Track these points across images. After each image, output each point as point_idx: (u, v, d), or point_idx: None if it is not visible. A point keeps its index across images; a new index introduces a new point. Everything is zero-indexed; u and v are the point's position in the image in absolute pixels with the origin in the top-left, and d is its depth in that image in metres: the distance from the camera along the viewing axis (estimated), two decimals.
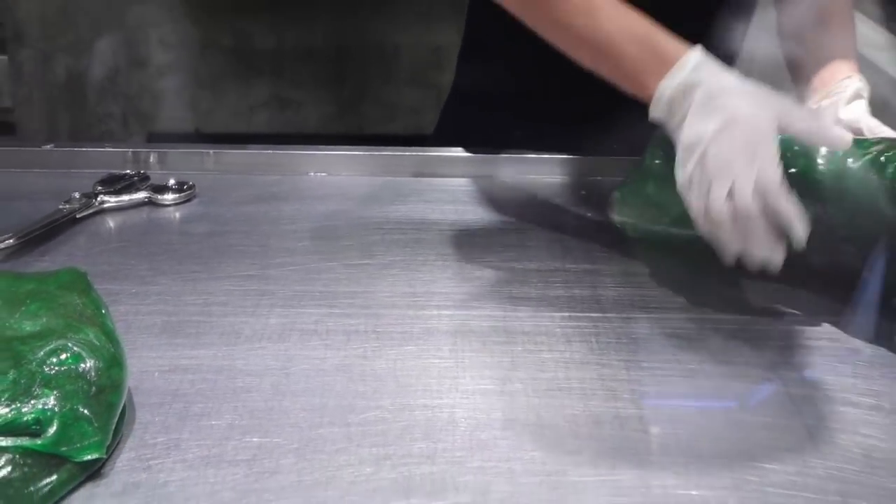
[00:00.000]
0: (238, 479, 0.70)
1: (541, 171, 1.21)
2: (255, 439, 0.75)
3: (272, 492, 0.69)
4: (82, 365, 0.73)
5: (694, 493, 0.70)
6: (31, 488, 0.66)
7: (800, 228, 0.86)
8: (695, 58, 0.97)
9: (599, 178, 1.24)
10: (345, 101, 2.37)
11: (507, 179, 1.21)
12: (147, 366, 0.82)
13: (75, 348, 0.73)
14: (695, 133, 0.91)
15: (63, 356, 0.73)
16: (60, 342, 0.74)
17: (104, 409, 0.72)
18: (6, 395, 0.69)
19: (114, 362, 0.75)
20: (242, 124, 2.29)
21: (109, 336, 0.77)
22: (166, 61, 2.32)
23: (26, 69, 2.36)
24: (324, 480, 0.71)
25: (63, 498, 0.68)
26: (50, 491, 0.67)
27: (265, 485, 0.70)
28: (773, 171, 0.87)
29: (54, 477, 0.68)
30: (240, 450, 0.73)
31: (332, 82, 2.35)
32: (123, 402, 0.75)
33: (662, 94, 0.96)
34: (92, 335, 0.76)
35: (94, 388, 0.72)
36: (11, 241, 0.99)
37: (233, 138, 1.26)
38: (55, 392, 0.70)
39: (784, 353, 0.88)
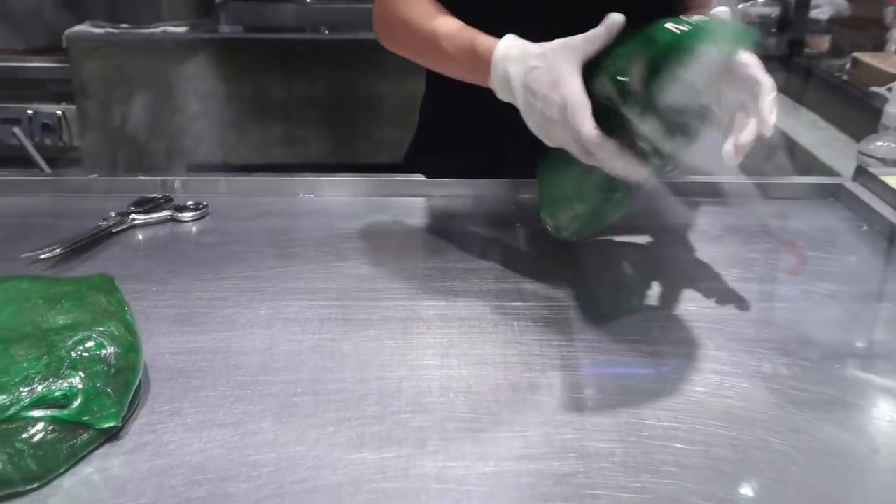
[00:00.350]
0: (226, 438, 0.70)
1: (483, 191, 1.20)
2: (241, 406, 0.74)
3: (253, 447, 0.68)
4: (104, 351, 0.72)
5: (588, 444, 0.70)
6: (59, 448, 0.66)
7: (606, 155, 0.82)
8: (500, 51, 0.93)
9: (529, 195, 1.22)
10: (340, 138, 2.37)
11: (457, 199, 1.20)
12: (160, 349, 0.81)
13: (98, 338, 0.73)
14: (528, 109, 0.90)
15: (88, 344, 0.72)
16: (86, 333, 0.73)
17: (122, 386, 0.71)
18: (40, 376, 0.68)
19: (131, 348, 0.74)
20: (261, 157, 2.28)
21: (128, 328, 0.77)
22: (200, 108, 2.31)
23: (90, 116, 2.35)
24: (295, 438, 0.70)
25: (85, 456, 0.67)
26: (74, 450, 0.67)
27: (248, 442, 0.69)
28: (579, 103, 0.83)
29: (77, 440, 0.67)
30: (229, 415, 0.72)
31: (330, 123, 2.35)
32: (139, 380, 0.74)
33: (497, 90, 0.95)
34: (113, 327, 0.75)
35: (113, 370, 0.71)
36: (58, 250, 0.98)
37: (253, 168, 1.26)
38: (80, 373, 0.69)
39: (665, 332, 0.87)
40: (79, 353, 0.71)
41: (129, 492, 0.64)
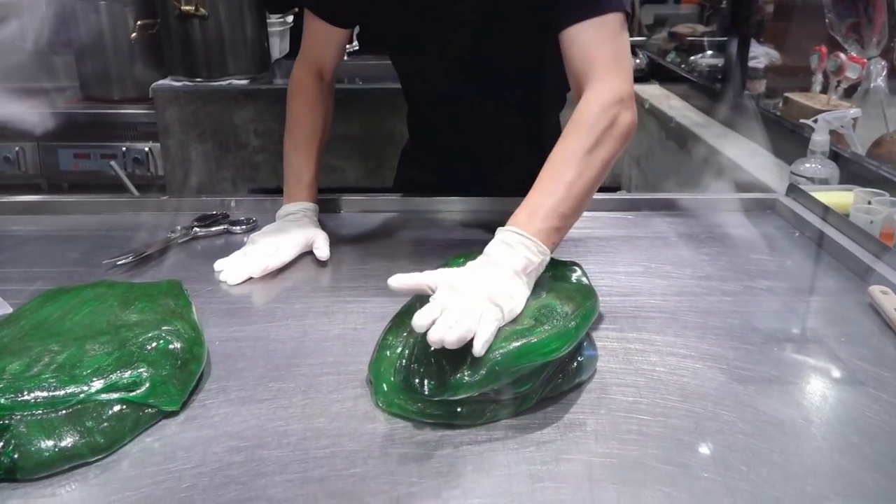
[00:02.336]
0: (262, 411, 0.66)
1: (490, 206, 1.16)
2: (276, 385, 0.70)
3: (284, 420, 0.65)
4: (171, 346, 0.69)
5: (563, 415, 0.66)
6: (125, 424, 0.63)
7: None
8: (282, 211, 1.03)
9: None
10: (371, 167, 2.34)
11: (466, 213, 1.16)
12: (212, 337, 0.77)
13: (167, 336, 0.70)
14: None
15: (157, 342, 0.69)
16: (155, 332, 0.70)
17: (187, 375, 0.68)
18: (111, 368, 0.65)
19: (195, 343, 0.71)
20: None
21: (193, 326, 0.74)
22: (259, 143, 2.29)
23: (172, 152, 2.33)
24: (319, 411, 0.66)
25: (146, 429, 0.64)
26: (137, 425, 0.63)
27: (280, 415, 0.66)
28: None
29: (141, 416, 0.64)
30: (265, 392, 0.69)
31: (363, 155, 2.33)
32: (202, 369, 0.71)
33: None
34: (179, 325, 0.72)
35: (180, 362, 0.68)
36: (132, 257, 0.95)
37: None
38: (149, 365, 0.66)
39: (630, 321, 0.83)
40: (149, 348, 0.68)
41: (178, 458, 0.60)
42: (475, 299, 0.65)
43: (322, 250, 0.97)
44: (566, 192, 0.78)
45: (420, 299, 0.74)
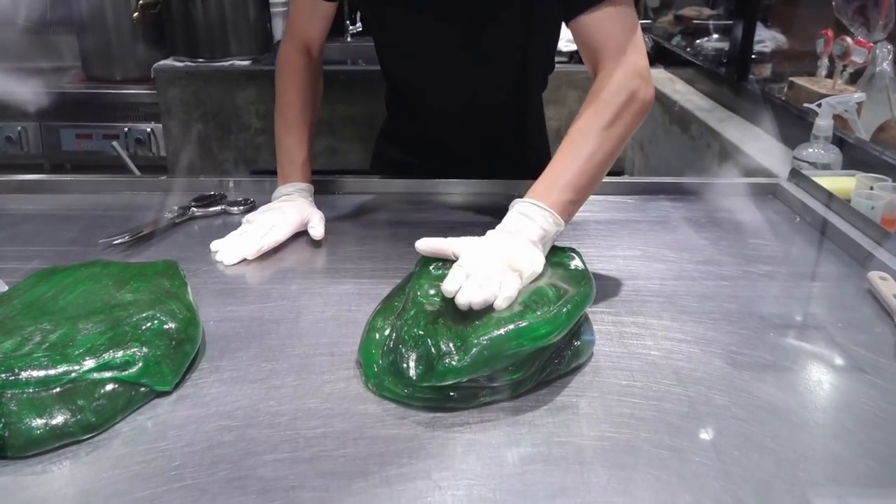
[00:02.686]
0: (254, 391, 0.66)
1: (485, 189, 1.15)
2: (268, 365, 0.70)
3: (276, 400, 0.65)
4: (165, 326, 0.69)
5: (556, 398, 0.65)
6: (117, 402, 0.62)
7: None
8: (277, 192, 1.02)
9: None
10: (372, 149, 2.33)
11: (459, 196, 1.15)
12: (206, 317, 0.77)
13: (161, 316, 0.69)
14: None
15: (152, 323, 0.69)
16: (150, 312, 0.70)
17: (181, 355, 0.68)
18: (103, 347, 0.65)
19: (190, 323, 0.71)
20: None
21: (188, 307, 0.73)
22: (261, 125, 2.28)
23: (173, 132, 2.32)
24: (311, 392, 0.66)
25: (138, 407, 0.64)
26: (129, 404, 0.63)
27: (272, 395, 0.66)
28: None
29: (133, 396, 0.64)
30: (258, 372, 0.69)
31: (365, 138, 2.31)
32: (196, 350, 0.70)
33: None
34: (174, 306, 0.72)
35: (174, 342, 0.68)
36: (128, 237, 0.95)
37: None
38: (143, 345, 0.66)
39: (627, 305, 0.82)
40: (144, 329, 0.67)
41: (169, 436, 0.60)
42: (497, 266, 0.69)
43: (317, 229, 0.96)
44: (584, 166, 0.79)
45: (409, 283, 0.74)
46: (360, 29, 2.64)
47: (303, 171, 1.05)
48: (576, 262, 0.78)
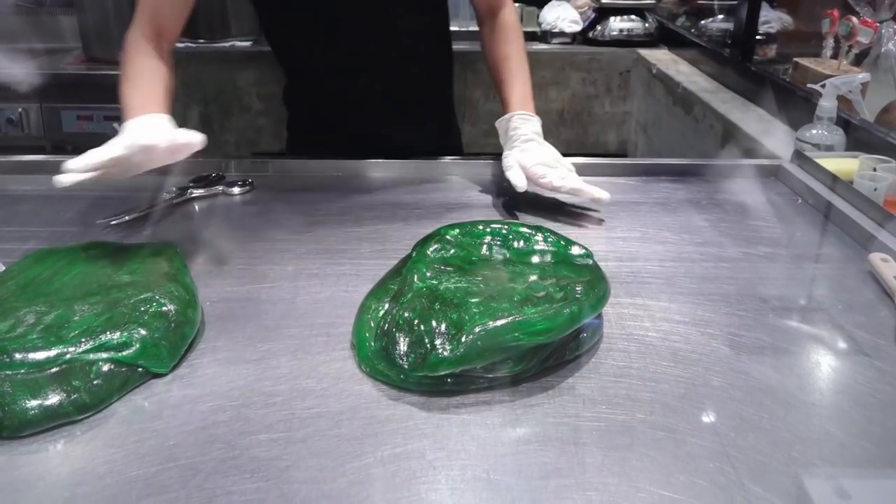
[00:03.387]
0: (249, 372, 0.66)
1: (476, 170, 1.15)
2: (264, 346, 0.70)
3: (271, 380, 0.65)
4: (164, 308, 0.68)
5: (552, 379, 0.65)
6: (113, 383, 0.62)
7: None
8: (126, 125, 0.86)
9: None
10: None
11: (453, 176, 1.14)
12: (203, 298, 0.77)
13: (160, 298, 0.69)
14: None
15: (150, 305, 0.68)
16: (148, 294, 0.69)
17: (179, 337, 0.68)
18: (100, 329, 0.64)
19: (189, 305, 0.70)
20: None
21: (187, 289, 0.73)
22: (261, 107, 2.27)
23: (174, 115, 2.30)
24: (306, 372, 0.66)
25: (133, 388, 0.63)
26: (125, 385, 0.63)
27: (267, 375, 0.65)
28: None
29: (129, 376, 0.63)
30: (253, 353, 0.69)
31: None
32: (195, 332, 0.70)
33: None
34: (173, 288, 0.71)
35: (173, 324, 0.67)
36: (126, 218, 0.95)
37: (303, 157, 1.21)
38: (140, 327, 0.65)
39: (625, 286, 0.82)
40: (142, 311, 0.67)
41: (164, 416, 0.60)
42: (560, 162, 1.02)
43: (194, 135, 0.84)
44: (528, 77, 1.14)
45: (406, 265, 0.74)
46: None
47: (158, 103, 0.92)
48: (591, 264, 0.76)
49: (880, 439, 0.58)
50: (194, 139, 0.84)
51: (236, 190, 1.07)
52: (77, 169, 0.78)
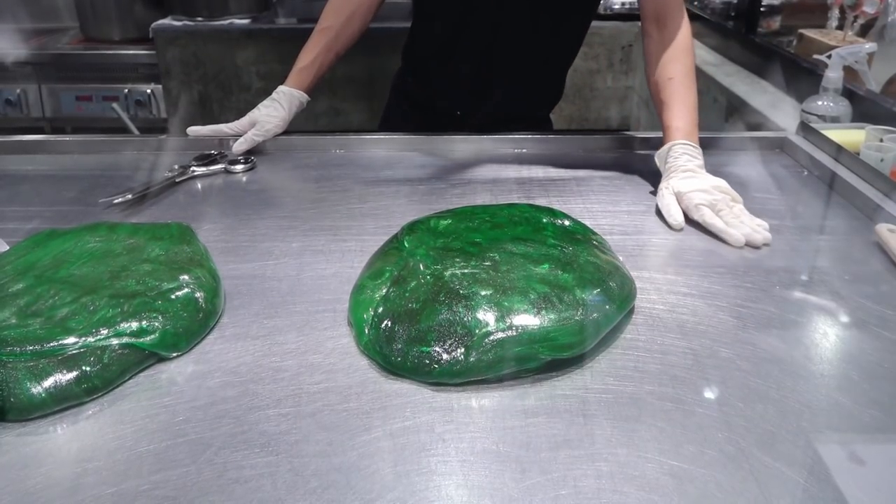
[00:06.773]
0: (257, 348, 0.66)
1: (482, 145, 1.14)
2: (271, 322, 0.69)
3: (279, 356, 0.65)
4: (196, 295, 0.67)
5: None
6: (125, 364, 0.61)
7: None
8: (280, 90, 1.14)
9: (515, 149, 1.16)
10: (375, 110, 2.30)
11: (458, 152, 1.14)
12: None
13: (189, 286, 0.68)
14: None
15: (180, 292, 0.67)
16: (175, 283, 0.68)
17: (201, 327, 0.67)
18: (119, 318, 0.63)
19: (215, 294, 0.70)
20: (311, 125, 2.22)
21: (213, 275, 0.72)
22: (262, 85, 2.25)
23: (173, 93, 2.29)
24: (313, 347, 0.66)
25: (145, 368, 0.63)
26: (135, 365, 0.62)
27: (275, 351, 0.65)
28: None
29: (141, 359, 0.62)
30: (260, 329, 0.68)
31: (366, 98, 2.28)
32: (216, 321, 0.69)
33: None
34: (200, 274, 0.70)
35: (201, 314, 0.67)
36: (129, 196, 0.94)
37: (305, 133, 1.21)
38: (162, 315, 0.64)
39: (631, 259, 0.81)
40: (171, 299, 0.65)
41: (173, 392, 0.60)
42: (726, 199, 0.91)
43: (241, 144, 1.10)
44: (695, 104, 1.02)
45: (402, 248, 0.72)
46: None
47: (298, 76, 1.13)
48: (615, 259, 0.73)
49: (889, 408, 0.58)
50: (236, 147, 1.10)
51: (238, 168, 1.06)
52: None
